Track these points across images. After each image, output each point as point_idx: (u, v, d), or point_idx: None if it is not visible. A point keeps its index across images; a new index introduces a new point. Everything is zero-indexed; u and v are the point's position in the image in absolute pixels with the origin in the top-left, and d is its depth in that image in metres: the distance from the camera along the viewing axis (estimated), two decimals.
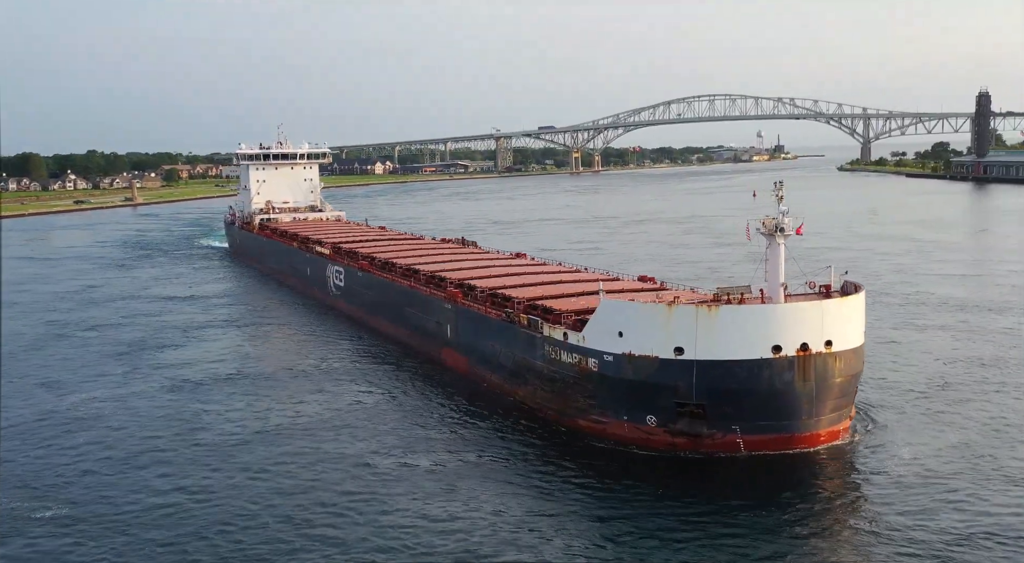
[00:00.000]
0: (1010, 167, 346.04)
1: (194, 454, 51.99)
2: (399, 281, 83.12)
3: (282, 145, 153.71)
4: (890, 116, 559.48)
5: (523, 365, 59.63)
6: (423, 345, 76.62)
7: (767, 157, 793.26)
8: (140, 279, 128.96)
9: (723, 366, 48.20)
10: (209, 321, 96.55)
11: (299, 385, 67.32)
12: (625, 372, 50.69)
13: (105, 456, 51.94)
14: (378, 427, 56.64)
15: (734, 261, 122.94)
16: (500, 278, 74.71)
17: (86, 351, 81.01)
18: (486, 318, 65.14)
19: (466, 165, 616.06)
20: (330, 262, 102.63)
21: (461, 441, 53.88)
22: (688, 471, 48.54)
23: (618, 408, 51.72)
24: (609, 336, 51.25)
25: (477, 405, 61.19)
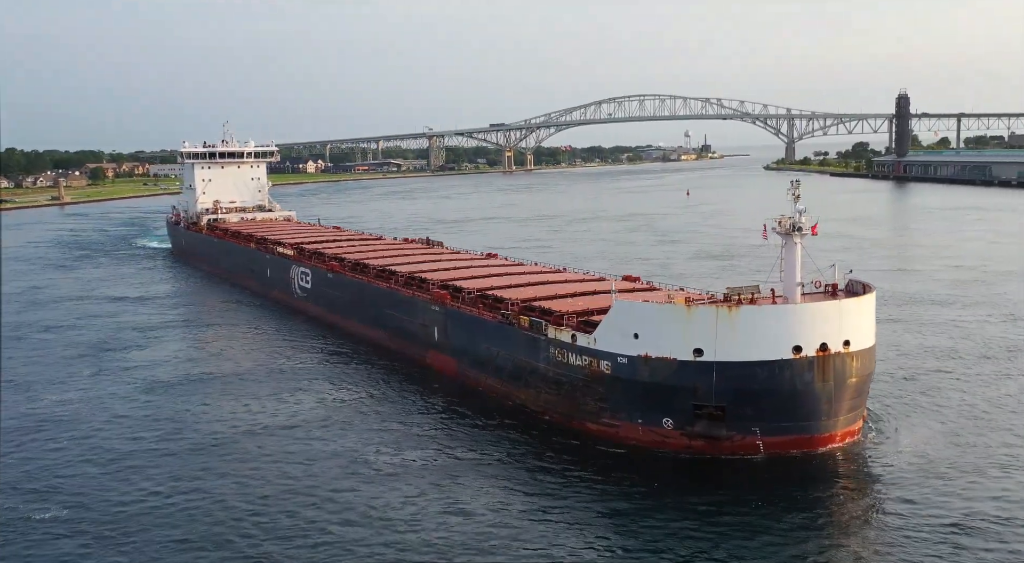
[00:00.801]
0: (929, 166, 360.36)
1: (183, 454, 51.74)
2: (376, 282, 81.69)
3: (227, 143, 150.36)
4: (813, 117, 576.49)
5: (524, 368, 58.48)
6: (405, 348, 75.00)
7: (694, 156, 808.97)
8: (85, 280, 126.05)
9: (744, 367, 47.58)
10: (167, 322, 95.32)
11: (277, 386, 66.77)
12: (641, 374, 49.84)
13: (92, 457, 51.37)
14: (369, 428, 56.09)
15: (684, 258, 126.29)
16: (484, 279, 73.90)
17: (47, 352, 79.36)
18: (480, 320, 63.92)
19: (399, 164, 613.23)
20: (294, 263, 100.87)
21: (460, 444, 52.84)
22: (705, 473, 47.85)
23: (632, 411, 50.83)
24: (623, 338, 50.40)
25: (473, 408, 59.88)
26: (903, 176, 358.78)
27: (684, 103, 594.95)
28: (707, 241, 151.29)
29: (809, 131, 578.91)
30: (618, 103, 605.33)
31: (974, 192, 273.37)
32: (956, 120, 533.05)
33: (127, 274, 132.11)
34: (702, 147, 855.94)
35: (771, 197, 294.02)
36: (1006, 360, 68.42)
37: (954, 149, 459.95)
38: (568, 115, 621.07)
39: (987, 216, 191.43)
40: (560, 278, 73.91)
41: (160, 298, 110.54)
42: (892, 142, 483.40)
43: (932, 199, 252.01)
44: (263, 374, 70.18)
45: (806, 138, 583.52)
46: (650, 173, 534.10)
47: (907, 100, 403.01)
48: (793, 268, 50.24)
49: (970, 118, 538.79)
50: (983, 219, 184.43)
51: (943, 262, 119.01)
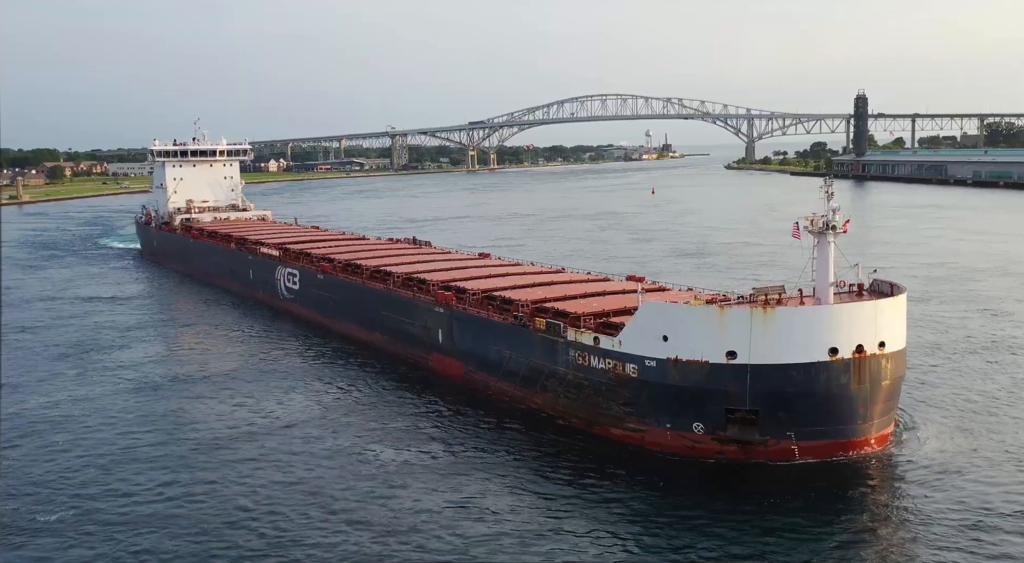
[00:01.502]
0: (887, 166, 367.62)
1: (183, 454, 51.25)
2: (371, 284, 79.87)
3: (198, 141, 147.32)
4: (772, 117, 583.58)
5: (540, 371, 56.81)
6: (405, 350, 73.03)
7: (656, 156, 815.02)
8: (55, 280, 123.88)
9: (779, 370, 46.28)
10: (145, 323, 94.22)
11: (271, 386, 65.83)
12: (670, 378, 48.37)
13: (91, 459, 50.69)
14: (373, 429, 55.04)
15: (660, 256, 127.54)
16: (485, 280, 72.22)
17: (28, 353, 78.06)
18: (490, 322, 62.36)
19: (362, 163, 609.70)
20: (280, 264, 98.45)
21: (471, 447, 51.57)
22: (737, 479, 46.42)
23: (660, 415, 49.36)
24: (651, 340, 48.88)
25: (483, 412, 58.32)
26: (862, 175, 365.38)
27: (646, 103, 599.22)
28: (680, 239, 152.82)
29: (768, 131, 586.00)
30: (580, 103, 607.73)
31: (931, 190, 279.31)
32: (911, 121, 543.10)
33: (97, 275, 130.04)
34: (663, 146, 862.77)
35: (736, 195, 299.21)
36: (1007, 353, 69.76)
37: (909, 149, 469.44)
38: (531, 114, 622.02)
39: (947, 214, 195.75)
40: (564, 279, 72.72)
41: (135, 299, 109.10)
42: (849, 142, 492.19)
43: (892, 197, 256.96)
44: (254, 375, 69.46)
45: (765, 138, 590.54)
46: (613, 172, 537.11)
47: (865, 101, 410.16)
48: (826, 268, 48.98)
49: (924, 119, 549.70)
50: (943, 217, 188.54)
51: (914, 260, 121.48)
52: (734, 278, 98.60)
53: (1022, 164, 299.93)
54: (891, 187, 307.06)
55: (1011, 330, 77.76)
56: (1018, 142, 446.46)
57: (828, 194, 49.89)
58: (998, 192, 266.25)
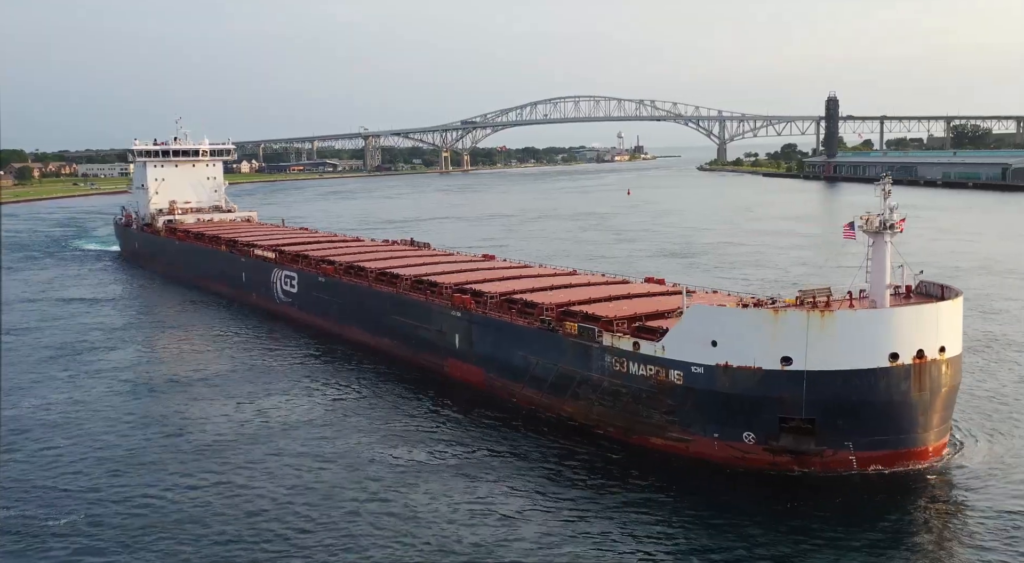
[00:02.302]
0: (858, 167, 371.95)
1: (189, 456, 50.41)
2: (378, 287, 77.28)
3: (179, 141, 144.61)
4: (743, 118, 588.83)
5: (572, 378, 54.48)
6: (417, 356, 70.36)
7: (628, 157, 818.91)
8: (33, 282, 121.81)
9: (838, 377, 44.53)
10: (133, 324, 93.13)
11: (270, 390, 64.10)
12: (719, 385, 46.50)
13: (96, 462, 49.70)
14: (388, 436, 53.31)
15: (647, 256, 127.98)
16: (500, 282, 69.89)
17: (15, 355, 76.63)
18: (513, 326, 59.95)
19: (335, 164, 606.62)
20: (277, 266, 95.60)
21: (497, 456, 49.63)
22: (791, 491, 44.31)
23: (706, 424, 47.45)
24: (699, 345, 47.03)
25: (507, 420, 56.00)
26: (833, 176, 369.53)
27: (619, 104, 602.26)
28: (662, 239, 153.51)
29: (740, 133, 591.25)
30: (553, 104, 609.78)
31: (902, 191, 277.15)
32: (879, 122, 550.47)
33: (77, 277, 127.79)
34: (635, 148, 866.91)
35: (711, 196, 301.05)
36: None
37: (878, 151, 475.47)
38: (504, 116, 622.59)
39: (921, 214, 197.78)
40: (581, 281, 70.48)
41: (119, 301, 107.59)
42: (819, 144, 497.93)
43: (865, 198, 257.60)
44: (254, 378, 68.14)
45: (737, 140, 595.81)
46: (586, 173, 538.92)
47: (836, 102, 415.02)
48: (883, 269, 47.37)
49: (892, 121, 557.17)
50: (918, 217, 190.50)
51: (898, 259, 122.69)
52: (725, 278, 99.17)
53: (990, 165, 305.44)
54: (863, 188, 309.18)
55: (1006, 328, 78.65)
56: (983, 144, 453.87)
57: (885, 192, 47.77)
58: (967, 193, 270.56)
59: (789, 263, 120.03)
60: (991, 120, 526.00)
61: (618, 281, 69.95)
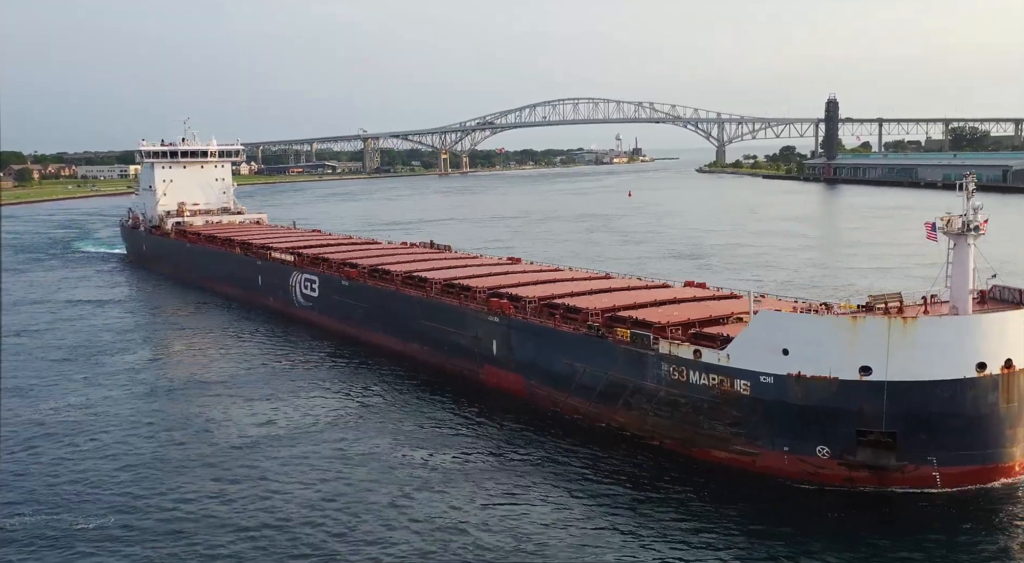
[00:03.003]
0: (858, 169, 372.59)
1: (213, 459, 50.00)
2: (406, 291, 75.06)
3: (187, 142, 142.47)
4: (742, 121, 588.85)
5: (623, 387, 52.37)
6: (450, 362, 68.04)
7: (626, 159, 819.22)
8: (41, 284, 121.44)
9: (921, 388, 42.36)
10: (145, 326, 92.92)
11: (301, 395, 62.72)
12: (791, 395, 44.21)
13: (120, 464, 49.44)
14: (425, 441, 52.02)
15: (657, 258, 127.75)
16: (535, 286, 67.43)
17: (29, 357, 76.33)
18: (557, 332, 57.72)
19: (334, 166, 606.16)
20: (296, 270, 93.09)
21: (542, 468, 47.57)
22: (870, 509, 42.06)
23: (775, 437, 45.23)
24: (768, 354, 44.75)
25: (550, 430, 53.81)
26: (833, 178, 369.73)
27: (617, 106, 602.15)
28: (669, 241, 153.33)
29: (738, 135, 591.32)
30: (553, 106, 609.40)
31: (904, 193, 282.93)
32: (878, 125, 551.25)
33: (84, 279, 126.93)
34: (633, 150, 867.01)
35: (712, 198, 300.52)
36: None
37: (877, 153, 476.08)
38: (503, 118, 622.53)
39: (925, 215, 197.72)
40: (621, 285, 68.03)
41: (128, 303, 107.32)
42: (818, 146, 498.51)
43: (866, 199, 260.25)
44: (277, 382, 66.84)
45: (736, 142, 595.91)
46: (585, 176, 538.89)
47: (836, 105, 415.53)
48: (965, 273, 44.98)
49: (890, 123, 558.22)
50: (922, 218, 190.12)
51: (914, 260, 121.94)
52: (736, 279, 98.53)
53: (991, 167, 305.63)
54: (863, 190, 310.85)
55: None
56: (982, 146, 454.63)
57: (969, 191, 45.20)
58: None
59: (799, 264, 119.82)
60: (989, 122, 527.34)
61: (658, 285, 68.06)
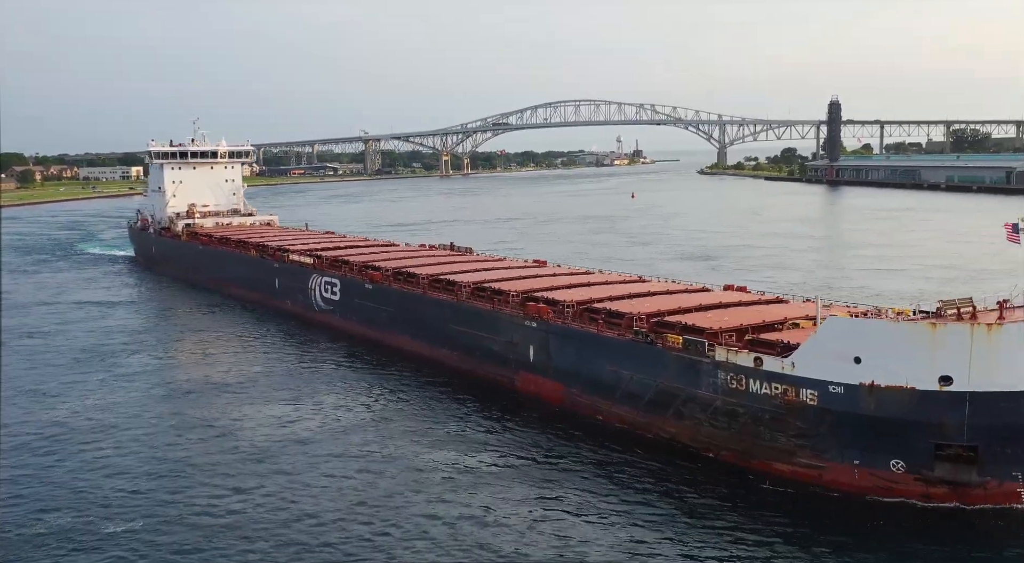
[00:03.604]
0: (860, 171, 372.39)
1: (238, 461, 49.47)
2: (434, 294, 73.02)
3: (196, 142, 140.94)
4: (743, 122, 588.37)
5: (675, 396, 50.28)
6: (482, 368, 65.82)
7: (627, 161, 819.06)
8: (50, 286, 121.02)
9: (1007, 399, 40.16)
10: (159, 329, 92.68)
11: (326, 400, 61.42)
12: (863, 406, 42.16)
13: (142, 467, 48.93)
14: (456, 451, 50.21)
15: (667, 259, 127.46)
16: (570, 290, 65.36)
17: (42, 358, 75.87)
18: (600, 338, 55.60)
19: (335, 168, 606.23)
20: (316, 272, 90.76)
21: (586, 479, 45.97)
22: (949, 526, 40.39)
23: (845, 450, 43.33)
24: (838, 362, 42.68)
25: (593, 440, 51.85)
26: (835, 180, 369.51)
27: (619, 108, 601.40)
28: (678, 242, 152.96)
29: (740, 137, 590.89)
30: (554, 108, 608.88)
31: (907, 195, 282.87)
32: (879, 127, 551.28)
33: (94, 281, 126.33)
34: (634, 152, 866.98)
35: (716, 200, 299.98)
36: None
37: (879, 155, 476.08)
38: (505, 120, 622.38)
39: (931, 217, 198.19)
40: (660, 288, 65.73)
41: (140, 305, 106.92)
42: (819, 148, 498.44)
43: (869, 201, 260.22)
44: (296, 384, 65.84)
45: (737, 144, 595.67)
46: (586, 177, 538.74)
47: (838, 106, 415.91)
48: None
49: (891, 125, 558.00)
50: (928, 219, 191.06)
51: (919, 261, 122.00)
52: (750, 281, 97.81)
53: (994, 169, 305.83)
54: (866, 192, 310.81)
55: None
56: (983, 148, 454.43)
57: None
58: (972, 196, 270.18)
59: (811, 266, 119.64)
60: (990, 124, 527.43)
61: (698, 289, 66.20)
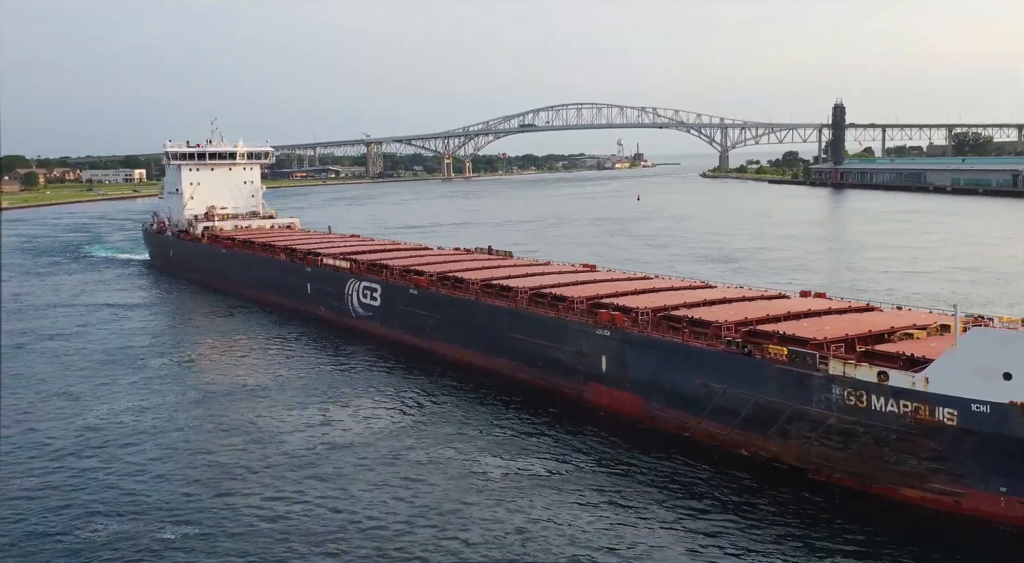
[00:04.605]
0: (865, 174, 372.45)
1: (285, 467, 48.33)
2: (488, 300, 69.44)
3: (212, 143, 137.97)
4: (745, 126, 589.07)
5: (778, 412, 46.39)
6: (546, 379, 62.22)
7: (628, 165, 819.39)
8: (65, 287, 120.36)
9: None
10: (185, 332, 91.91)
11: (370, 407, 59.28)
12: (1014, 428, 38.78)
13: (188, 472, 48.07)
14: (525, 462, 47.72)
15: (687, 261, 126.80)
16: (637, 297, 61.84)
17: (69, 360, 74.95)
18: (688, 348, 52.23)
19: (337, 170, 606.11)
20: (353, 277, 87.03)
21: (681, 502, 42.51)
22: None
23: (989, 475, 39.91)
24: (982, 378, 39.35)
25: (676, 457, 48.36)
26: (840, 183, 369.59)
27: (620, 112, 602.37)
28: (694, 245, 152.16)
29: (741, 140, 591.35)
30: (556, 111, 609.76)
31: (912, 198, 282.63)
32: (881, 130, 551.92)
33: (111, 285, 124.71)
34: (635, 156, 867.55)
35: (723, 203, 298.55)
36: None
37: (881, 158, 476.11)
38: (506, 123, 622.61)
39: (941, 219, 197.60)
40: (736, 295, 62.31)
41: (162, 309, 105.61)
42: (821, 151, 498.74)
43: (876, 203, 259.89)
44: (342, 391, 63.45)
45: (738, 147, 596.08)
46: (588, 180, 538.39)
47: (843, 110, 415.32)
48: None
49: (893, 128, 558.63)
50: (939, 222, 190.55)
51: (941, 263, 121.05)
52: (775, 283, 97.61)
53: (1000, 172, 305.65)
54: (872, 195, 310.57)
55: None
56: (985, 152, 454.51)
57: None
58: (979, 199, 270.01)
59: (832, 268, 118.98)
60: (992, 128, 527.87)
61: (775, 295, 62.61)
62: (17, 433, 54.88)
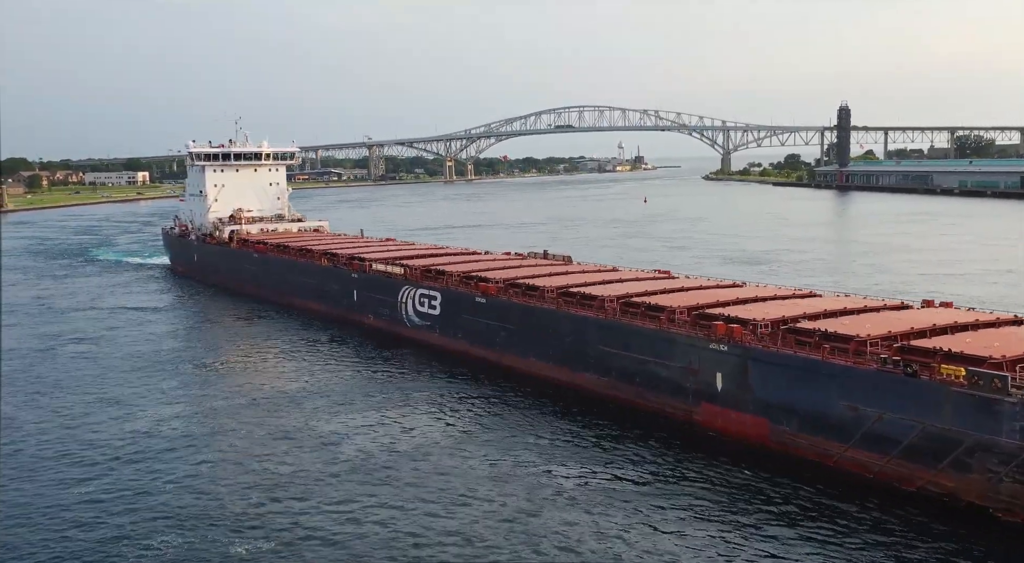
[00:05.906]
0: (871, 176, 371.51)
1: (347, 476, 46.89)
2: (570, 309, 64.49)
3: (235, 143, 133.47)
4: (747, 128, 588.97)
5: (955, 442, 41.07)
6: (645, 398, 57.09)
7: (629, 167, 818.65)
8: (86, 289, 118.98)
9: None
10: (214, 336, 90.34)
11: (440, 421, 56.23)
12: None
13: (250, 481, 46.51)
14: (644, 494, 43.12)
15: (714, 264, 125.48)
16: (745, 307, 57.26)
17: (106, 364, 73.50)
18: (832, 366, 46.43)
19: (339, 173, 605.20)
20: (408, 284, 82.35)
21: (838, 546, 37.61)
22: None
23: None
24: None
25: (817, 487, 43.71)
26: (845, 185, 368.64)
27: (623, 115, 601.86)
28: (714, 247, 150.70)
29: (744, 143, 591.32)
30: (558, 114, 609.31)
31: (920, 200, 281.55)
32: (884, 133, 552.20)
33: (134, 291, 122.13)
34: (635, 158, 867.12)
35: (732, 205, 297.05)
36: None
37: (887, 160, 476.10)
38: (509, 125, 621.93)
39: (955, 221, 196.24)
40: (857, 305, 56.87)
41: (188, 313, 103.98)
42: (823, 153, 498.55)
43: (884, 206, 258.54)
44: (397, 400, 60.80)
45: (740, 150, 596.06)
46: (589, 183, 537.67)
47: (848, 112, 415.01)
48: None
49: (895, 131, 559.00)
50: (954, 223, 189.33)
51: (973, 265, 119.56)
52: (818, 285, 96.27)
53: (1008, 174, 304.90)
54: (878, 197, 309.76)
55: None
56: (987, 155, 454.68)
57: None
58: (987, 201, 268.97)
59: (867, 270, 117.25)
60: (994, 131, 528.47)
61: (897, 305, 57.36)
62: (67, 437, 53.74)
